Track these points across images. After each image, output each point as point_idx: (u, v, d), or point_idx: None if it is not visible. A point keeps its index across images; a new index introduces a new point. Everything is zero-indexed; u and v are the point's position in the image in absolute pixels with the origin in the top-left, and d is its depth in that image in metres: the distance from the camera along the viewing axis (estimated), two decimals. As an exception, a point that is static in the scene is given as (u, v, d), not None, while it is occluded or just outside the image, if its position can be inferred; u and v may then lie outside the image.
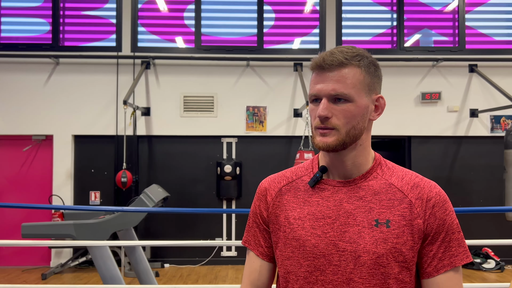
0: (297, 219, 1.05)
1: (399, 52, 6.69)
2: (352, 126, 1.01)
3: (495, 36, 6.85)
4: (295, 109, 6.54)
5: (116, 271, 3.24)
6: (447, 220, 1.00)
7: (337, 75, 1.00)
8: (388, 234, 0.98)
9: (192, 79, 6.62)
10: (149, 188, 3.55)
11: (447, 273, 0.99)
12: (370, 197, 1.02)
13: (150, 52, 6.58)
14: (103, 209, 2.80)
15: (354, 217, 1.01)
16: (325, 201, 1.04)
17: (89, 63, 6.54)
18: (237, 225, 6.57)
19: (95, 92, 6.53)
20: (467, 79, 6.65)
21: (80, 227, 3.24)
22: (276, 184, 1.15)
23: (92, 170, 6.55)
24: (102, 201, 6.51)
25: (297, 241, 1.04)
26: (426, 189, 1.02)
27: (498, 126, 6.66)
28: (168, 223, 6.48)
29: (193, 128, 6.58)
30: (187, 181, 6.52)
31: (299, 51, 6.68)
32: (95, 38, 6.65)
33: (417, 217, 0.99)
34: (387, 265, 0.97)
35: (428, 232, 1.00)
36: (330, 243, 1.00)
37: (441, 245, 1.00)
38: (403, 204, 1.00)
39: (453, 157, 6.67)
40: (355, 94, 1.00)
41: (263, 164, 6.55)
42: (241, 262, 6.51)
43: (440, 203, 1.01)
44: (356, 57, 1.03)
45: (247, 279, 1.15)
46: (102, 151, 6.56)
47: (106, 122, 6.51)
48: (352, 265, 0.98)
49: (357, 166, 1.05)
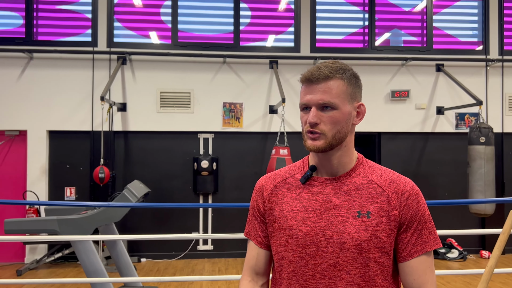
0: (290, 212, 1.21)
1: (371, 51, 6.93)
2: (337, 130, 1.17)
3: (460, 37, 7.19)
4: (270, 105, 6.70)
5: (99, 265, 3.31)
6: (419, 211, 1.17)
7: (324, 87, 1.16)
8: (368, 224, 1.14)
9: (168, 75, 6.67)
10: (132, 184, 3.62)
11: (420, 257, 1.16)
12: (353, 192, 1.18)
13: (127, 47, 6.58)
14: (89, 204, 2.86)
15: (339, 209, 1.17)
16: (315, 195, 1.20)
17: (64, 58, 6.49)
18: (213, 220, 6.69)
19: (70, 87, 6.49)
20: (434, 78, 6.97)
21: (64, 222, 3.29)
22: (272, 181, 1.30)
23: (67, 165, 6.53)
24: (78, 197, 6.50)
25: (290, 231, 1.19)
26: (401, 184, 1.18)
27: (463, 123, 7.01)
28: (145, 218, 6.53)
29: (170, 124, 6.64)
30: (163, 176, 6.59)
31: (274, 48, 6.82)
32: (70, 33, 6.60)
33: (394, 208, 1.16)
34: (368, 250, 1.13)
35: (403, 221, 1.16)
36: (319, 232, 1.16)
37: (414, 232, 1.16)
38: (381, 198, 1.17)
39: (420, 152, 6.98)
40: (339, 103, 1.16)
41: (239, 160, 6.69)
42: (217, 256, 6.64)
43: (413, 196, 1.17)
44: (339, 70, 1.19)
45: (247, 265, 1.31)
46: (77, 147, 6.54)
47: (81, 117, 6.49)
48: (338, 251, 1.14)
49: (342, 165, 1.21)
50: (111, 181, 6.11)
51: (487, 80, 7.02)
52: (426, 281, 1.15)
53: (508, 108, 7.04)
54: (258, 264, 1.30)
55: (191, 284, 5.32)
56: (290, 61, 6.76)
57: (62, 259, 6.34)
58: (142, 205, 3.22)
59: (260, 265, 1.30)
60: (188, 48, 6.69)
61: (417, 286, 1.16)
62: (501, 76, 7.04)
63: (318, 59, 6.67)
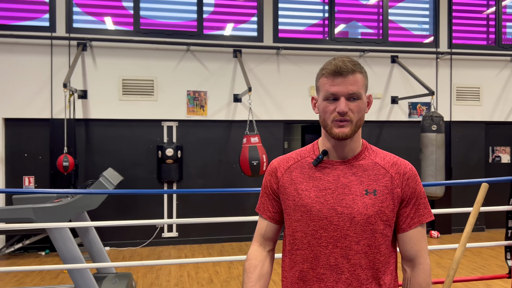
0: (304, 191, 1.36)
1: (330, 42, 7.18)
2: (359, 118, 1.33)
3: (413, 30, 7.59)
4: (235, 94, 6.79)
5: (77, 252, 3.32)
6: (417, 189, 1.37)
7: (352, 79, 1.30)
8: (375, 200, 1.31)
9: (131, 62, 6.59)
10: (107, 172, 3.62)
11: (416, 228, 1.36)
12: (361, 173, 1.35)
13: (87, 33, 6.43)
14: (69, 192, 2.86)
15: (349, 188, 1.33)
16: (326, 176, 1.36)
17: (21, 43, 6.26)
18: (178, 207, 6.74)
19: (28, 74, 6.28)
20: (390, 69, 7.33)
21: (39, 210, 3.27)
22: (285, 163, 1.45)
23: (25, 154, 6.33)
24: (37, 186, 6.34)
25: (305, 207, 1.34)
26: (402, 166, 1.37)
27: (415, 112, 7.44)
28: (108, 206, 6.45)
29: (133, 112, 6.59)
30: (126, 165, 6.54)
31: (238, 38, 6.90)
32: (27, 17, 6.35)
33: (397, 187, 1.34)
34: (374, 223, 1.31)
35: (404, 198, 1.35)
36: (331, 208, 1.32)
37: (412, 207, 1.36)
38: (386, 178, 1.34)
39: (376, 140, 7.34)
40: (362, 93, 1.32)
41: (204, 148, 6.76)
42: (182, 242, 6.72)
43: (413, 176, 1.37)
44: (358, 65, 1.34)
45: (257, 234, 1.50)
46: (35, 135, 6.36)
47: (40, 105, 6.30)
48: (348, 224, 1.30)
49: (352, 149, 1.37)
50: (75, 169, 6.01)
51: (437, 71, 7.48)
52: (421, 248, 1.36)
53: (456, 98, 7.54)
54: (266, 233, 1.47)
55: (159, 270, 5.39)
56: (254, 50, 6.87)
57: (22, 250, 6.18)
58: (119, 192, 3.25)
59: (268, 235, 1.47)
60: (150, 35, 6.64)
61: (414, 252, 1.35)
62: (449, 68, 7.52)
63: (281, 49, 6.83)
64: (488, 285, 4.72)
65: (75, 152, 6.31)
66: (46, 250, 6.24)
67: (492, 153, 7.91)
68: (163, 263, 3.50)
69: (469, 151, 7.60)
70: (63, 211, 3.31)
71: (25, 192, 3.76)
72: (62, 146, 5.99)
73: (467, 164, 7.57)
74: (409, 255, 1.36)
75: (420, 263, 1.35)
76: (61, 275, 5.19)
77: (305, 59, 7.04)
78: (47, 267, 3.51)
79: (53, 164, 6.19)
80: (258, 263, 1.43)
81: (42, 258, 6.04)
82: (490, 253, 6.14)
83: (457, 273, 5.11)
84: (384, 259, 1.33)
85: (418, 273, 1.35)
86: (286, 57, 7.00)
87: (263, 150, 5.69)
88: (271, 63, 6.97)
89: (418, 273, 1.35)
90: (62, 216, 3.32)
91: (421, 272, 1.35)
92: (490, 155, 7.91)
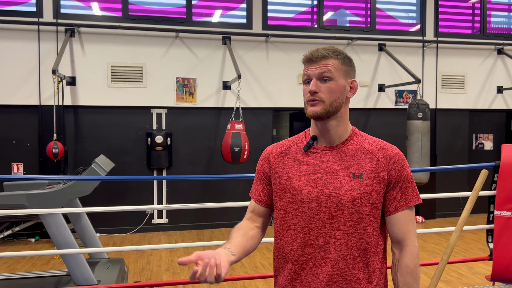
0: (295, 175, 1.43)
1: (319, 30, 7.22)
2: (334, 100, 1.39)
3: (401, 18, 7.67)
4: (224, 81, 6.82)
5: (70, 237, 3.37)
6: (404, 173, 1.43)
7: (323, 63, 1.39)
8: (361, 183, 1.38)
9: (119, 48, 6.56)
10: (99, 158, 3.65)
11: (404, 211, 1.42)
12: (348, 157, 1.42)
13: (75, 19, 6.38)
14: (64, 178, 2.89)
15: (337, 172, 1.40)
16: (316, 161, 1.43)
17: (6, 29, 6.18)
18: (167, 194, 6.79)
19: (15, 60, 6.22)
20: (377, 57, 7.42)
21: (32, 197, 3.30)
22: (278, 149, 1.52)
23: (13, 141, 6.30)
24: (26, 173, 6.33)
25: (295, 190, 1.41)
26: (389, 150, 1.43)
27: (401, 100, 7.56)
28: (98, 193, 6.44)
29: (122, 99, 6.58)
30: (115, 151, 6.55)
31: (227, 25, 6.91)
32: (12, 1, 6.27)
33: (383, 170, 1.40)
34: (361, 205, 1.37)
35: (390, 181, 1.41)
36: (320, 191, 1.39)
37: (399, 190, 1.42)
38: (372, 162, 1.41)
39: (363, 127, 7.45)
40: (335, 76, 1.39)
41: (193, 135, 6.79)
42: (172, 229, 6.79)
43: (399, 160, 1.43)
44: (334, 52, 1.42)
45: (248, 211, 1.57)
46: (23, 122, 6.32)
47: (28, 91, 6.26)
48: (335, 206, 1.37)
49: (338, 134, 1.44)
50: (64, 156, 6.01)
51: (424, 59, 7.59)
52: (409, 230, 1.43)
53: (441, 86, 7.68)
54: (255, 212, 1.55)
55: (150, 256, 5.46)
56: (243, 37, 6.89)
57: (11, 237, 6.19)
58: (111, 178, 3.30)
59: (257, 213, 1.54)
60: (139, 21, 6.61)
61: (401, 234, 1.42)
62: (435, 56, 7.63)
63: (270, 36, 6.85)
64: (470, 267, 4.89)
65: (64, 138, 6.30)
66: (36, 237, 6.26)
67: (475, 140, 8.10)
68: (155, 248, 3.57)
69: (453, 138, 7.77)
70: (56, 197, 3.35)
71: (19, 178, 3.78)
72: (51, 133, 5.97)
73: (451, 151, 7.74)
74: (397, 237, 1.42)
75: (407, 245, 1.42)
76: (52, 261, 5.23)
77: (294, 46, 7.08)
78: (40, 253, 3.55)
79: (42, 151, 6.17)
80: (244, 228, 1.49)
81: (32, 245, 6.06)
82: (472, 237, 6.33)
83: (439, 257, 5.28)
84: (372, 240, 1.39)
85: (405, 254, 1.41)
86: (275, 44, 7.04)
87: (246, 138, 5.75)
88: (260, 50, 7.00)
89: (405, 255, 1.41)
90: (55, 202, 3.35)
91: (408, 254, 1.41)
92: (474, 142, 8.09)
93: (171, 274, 4.78)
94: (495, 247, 3.44)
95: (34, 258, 5.36)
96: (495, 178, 3.53)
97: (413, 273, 1.41)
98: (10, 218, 5.71)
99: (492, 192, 3.54)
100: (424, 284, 4.31)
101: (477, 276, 4.62)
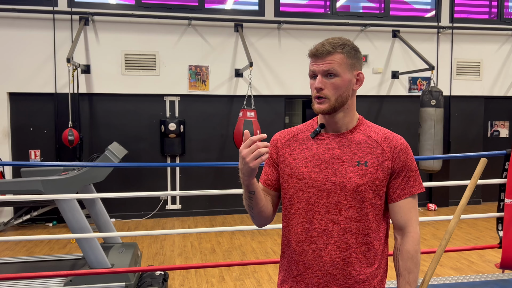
0: (301, 160, 1.48)
1: (332, 16, 7.17)
2: (339, 95, 1.42)
3: (415, 4, 7.55)
4: (236, 69, 6.84)
5: (85, 222, 3.47)
6: (408, 162, 1.46)
7: (329, 59, 1.41)
8: (366, 171, 1.42)
9: (133, 36, 6.62)
10: (112, 146, 3.73)
11: (407, 199, 1.46)
12: (354, 145, 1.45)
13: (89, 8, 6.45)
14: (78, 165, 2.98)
15: (342, 159, 1.44)
16: (322, 148, 1.47)
17: (23, 18, 6.28)
18: (181, 180, 6.89)
19: (31, 48, 6.32)
20: (391, 43, 7.34)
21: (48, 183, 3.40)
22: (286, 136, 1.57)
23: (30, 128, 6.45)
24: (43, 160, 6.48)
25: (301, 176, 1.46)
26: (394, 140, 1.46)
27: (415, 87, 7.49)
28: (113, 179, 6.57)
29: (135, 86, 6.66)
30: (130, 138, 6.65)
31: (239, 12, 6.90)
32: (28, -9, 6.35)
33: (387, 159, 1.44)
34: (364, 192, 1.42)
35: (394, 170, 1.45)
36: (325, 177, 1.43)
37: (403, 179, 1.46)
38: (377, 151, 1.45)
39: (376, 115, 7.42)
40: (340, 71, 1.41)
41: (206, 122, 6.85)
42: (185, 215, 6.90)
43: (403, 150, 1.46)
44: (340, 46, 1.43)
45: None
46: (40, 109, 6.46)
47: (44, 79, 6.38)
48: (339, 192, 1.42)
49: (345, 123, 1.48)
50: (80, 143, 6.13)
51: (438, 46, 7.48)
52: (411, 218, 1.47)
53: (456, 73, 7.57)
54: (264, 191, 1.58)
55: (164, 240, 5.57)
56: (255, 24, 6.88)
57: (30, 221, 6.37)
58: (124, 165, 3.37)
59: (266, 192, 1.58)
60: (152, 9, 6.65)
61: (404, 221, 1.47)
62: (450, 42, 7.52)
63: (282, 23, 6.83)
64: (480, 254, 4.89)
65: (79, 126, 6.42)
66: (54, 222, 6.43)
67: (491, 127, 7.99)
68: (167, 233, 3.66)
69: (468, 125, 7.68)
70: (71, 183, 3.44)
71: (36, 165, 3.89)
72: (66, 120, 6.09)
73: (466, 139, 7.66)
74: (399, 224, 1.47)
75: (409, 231, 1.46)
76: (68, 245, 5.38)
77: (307, 33, 7.05)
78: (57, 237, 3.67)
79: (58, 138, 6.30)
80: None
81: (49, 229, 6.23)
82: (485, 225, 6.31)
83: (453, 244, 5.28)
84: (373, 225, 1.44)
85: (407, 240, 1.46)
86: (288, 31, 7.01)
87: (257, 125, 5.79)
88: (272, 38, 6.99)
89: (407, 241, 1.46)
90: (70, 188, 3.44)
91: (409, 240, 1.46)
92: (489, 130, 7.99)
93: (183, 259, 4.88)
94: (505, 235, 3.44)
95: (51, 242, 5.52)
96: (506, 166, 3.51)
97: (413, 258, 1.45)
98: (28, 203, 5.86)
99: (503, 180, 3.52)
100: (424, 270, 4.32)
101: (488, 264, 4.62)
